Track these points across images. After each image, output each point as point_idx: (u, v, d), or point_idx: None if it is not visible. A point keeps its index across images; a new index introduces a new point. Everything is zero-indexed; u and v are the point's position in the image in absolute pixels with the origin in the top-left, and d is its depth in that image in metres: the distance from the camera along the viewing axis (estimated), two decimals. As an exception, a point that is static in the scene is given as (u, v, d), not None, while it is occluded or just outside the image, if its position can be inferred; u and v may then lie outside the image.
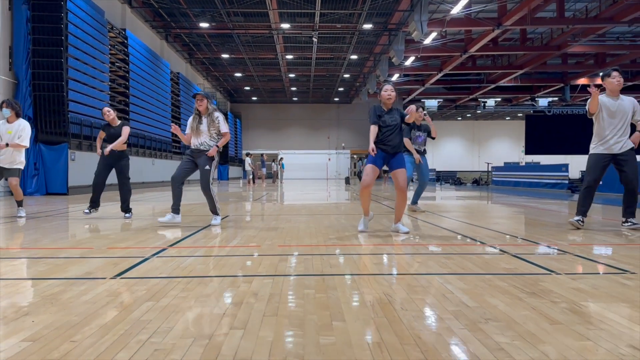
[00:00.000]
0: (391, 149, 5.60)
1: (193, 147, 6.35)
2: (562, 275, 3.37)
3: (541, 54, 28.12)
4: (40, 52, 13.59)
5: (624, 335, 2.16)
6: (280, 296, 2.83)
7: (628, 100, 5.86)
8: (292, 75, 36.26)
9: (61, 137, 13.91)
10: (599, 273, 3.53)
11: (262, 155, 33.90)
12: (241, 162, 42.30)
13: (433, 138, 8.48)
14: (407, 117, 5.52)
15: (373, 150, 5.52)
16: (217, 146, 6.30)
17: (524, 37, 27.02)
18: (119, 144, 7.25)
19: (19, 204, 7.66)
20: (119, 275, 3.38)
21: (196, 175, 6.47)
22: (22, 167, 7.58)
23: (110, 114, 7.44)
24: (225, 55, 30.08)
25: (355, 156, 47.68)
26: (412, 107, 5.50)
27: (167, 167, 21.78)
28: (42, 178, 13.71)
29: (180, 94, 27.17)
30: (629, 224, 5.85)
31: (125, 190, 7.49)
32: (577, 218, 5.90)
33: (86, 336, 2.14)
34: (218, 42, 27.82)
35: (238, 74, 35.71)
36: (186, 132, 6.41)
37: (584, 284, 3.10)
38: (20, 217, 7.41)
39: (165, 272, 3.48)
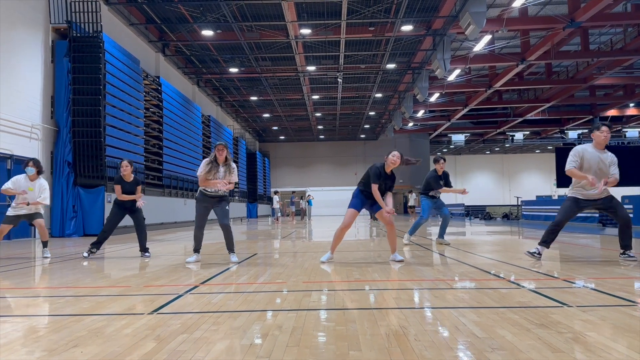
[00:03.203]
0: (373, 200, 6.42)
1: (210, 193, 6.73)
2: (574, 307, 3.50)
3: (568, 87, 28.12)
4: (80, 100, 14.43)
5: (621, 362, 2.31)
6: (302, 329, 3.06)
7: (610, 155, 6.10)
8: (318, 114, 37.06)
9: (98, 181, 14.57)
10: (610, 305, 3.64)
11: (292, 192, 34.39)
12: (269, 200, 42.88)
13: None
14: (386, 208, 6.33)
15: (390, 211, 6.29)
16: (226, 183, 6.65)
17: (550, 70, 27.14)
18: (135, 198, 7.74)
19: (45, 244, 8.07)
20: (155, 310, 3.66)
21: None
22: (42, 211, 8.13)
23: (128, 168, 7.71)
24: (253, 98, 31.08)
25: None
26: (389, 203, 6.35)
27: (198, 207, 22.38)
28: (80, 220, 14.32)
29: (211, 136, 28.04)
30: (626, 256, 6.14)
31: (142, 231, 7.83)
32: (534, 250, 6.32)
33: (129, 364, 2.41)
34: (247, 86, 28.84)
35: (266, 115, 36.72)
36: (201, 172, 6.69)
37: (592, 316, 3.23)
38: (46, 257, 7.82)
39: (198, 308, 3.76)
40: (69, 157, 14.19)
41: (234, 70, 24.99)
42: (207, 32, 19.84)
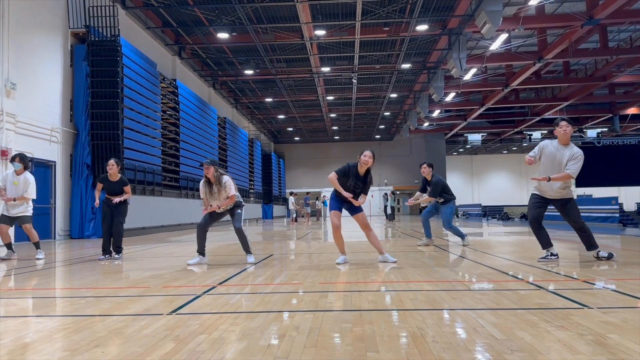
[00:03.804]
0: (349, 203, 6.46)
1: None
2: (594, 309, 3.46)
3: (586, 85, 27.71)
4: (98, 104, 14.61)
5: (643, 365, 2.28)
6: (319, 330, 3.06)
7: (571, 152, 5.96)
8: (333, 115, 37.04)
9: (117, 183, 14.71)
10: (631, 307, 3.58)
11: (307, 193, 34.43)
12: (285, 201, 42.98)
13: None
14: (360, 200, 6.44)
15: (350, 197, 6.34)
16: (219, 206, 6.73)
17: (567, 69, 26.79)
18: (123, 198, 7.78)
19: (36, 245, 8.16)
20: (174, 311, 3.70)
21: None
22: (31, 214, 8.17)
23: (113, 167, 7.76)
24: (268, 99, 31.20)
25: (398, 192, 47.50)
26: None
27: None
28: (98, 221, 14.47)
29: (227, 138, 28.22)
30: (598, 257, 6.13)
31: (116, 231, 7.81)
32: (545, 254, 6.27)
33: (149, 364, 2.44)
34: (262, 87, 28.95)
35: (281, 116, 36.82)
36: (202, 197, 6.84)
37: (614, 318, 3.18)
38: (39, 259, 7.90)
39: (216, 308, 3.79)
40: (87, 160, 14.38)
41: (249, 72, 25.10)
42: (223, 35, 19.97)
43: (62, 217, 13.98)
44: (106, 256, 7.78)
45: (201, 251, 6.83)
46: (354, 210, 6.51)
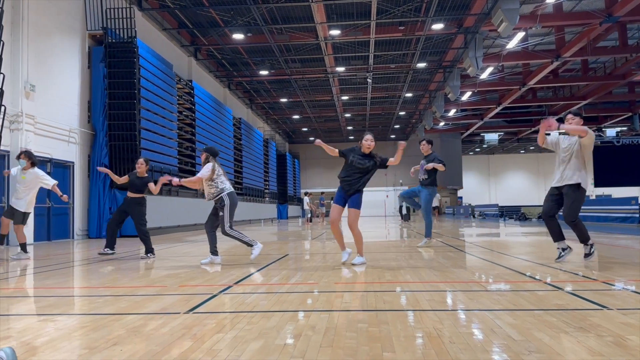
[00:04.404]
0: (350, 188, 6.37)
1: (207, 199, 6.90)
2: (614, 310, 3.41)
3: (605, 84, 27.32)
4: (116, 105, 14.78)
5: (665, 367, 2.24)
6: (335, 329, 3.07)
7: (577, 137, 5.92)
8: (347, 115, 37.03)
9: (134, 183, 14.87)
10: (653, 309, 3.53)
11: (322, 193, 34.45)
12: (300, 201, 43.06)
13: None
14: (392, 160, 6.48)
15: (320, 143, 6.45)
16: (179, 180, 6.80)
17: (586, 67, 26.43)
18: (155, 189, 7.95)
19: (20, 247, 8.14)
20: (191, 310, 3.73)
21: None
22: (30, 212, 8.23)
23: (142, 166, 8.08)
24: (283, 100, 31.29)
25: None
26: (402, 143, 6.37)
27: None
28: (116, 221, 14.66)
29: (242, 138, 28.34)
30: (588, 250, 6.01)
31: (141, 235, 7.96)
32: (558, 253, 6.17)
33: (166, 362, 2.47)
34: (277, 88, 29.06)
35: (296, 116, 36.91)
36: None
37: (634, 319, 3.14)
38: (15, 258, 7.92)
39: (232, 307, 3.81)
40: (105, 160, 14.55)
41: (264, 72, 25.21)
42: (238, 36, 20.08)
43: (80, 217, 14.17)
44: (106, 250, 7.90)
45: (212, 251, 6.87)
46: (351, 204, 6.44)
